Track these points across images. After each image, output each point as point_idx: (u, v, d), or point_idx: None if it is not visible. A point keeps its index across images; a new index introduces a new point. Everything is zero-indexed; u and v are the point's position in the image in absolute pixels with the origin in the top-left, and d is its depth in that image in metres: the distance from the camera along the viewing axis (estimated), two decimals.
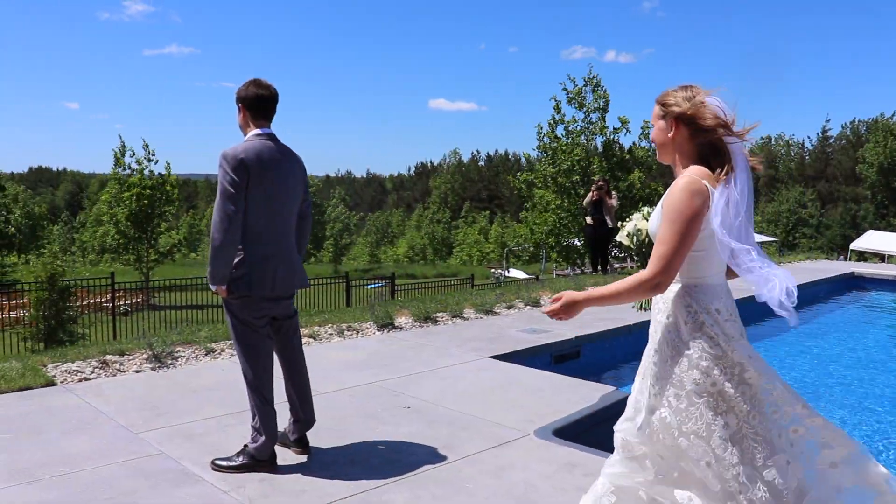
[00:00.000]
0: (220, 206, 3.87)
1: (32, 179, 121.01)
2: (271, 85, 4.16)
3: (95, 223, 44.73)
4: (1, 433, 4.74)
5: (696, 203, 2.57)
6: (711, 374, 2.63)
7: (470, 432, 4.86)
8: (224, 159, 3.89)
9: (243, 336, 4.10)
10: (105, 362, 6.46)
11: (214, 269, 3.95)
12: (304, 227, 4.35)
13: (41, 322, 14.58)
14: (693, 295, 2.71)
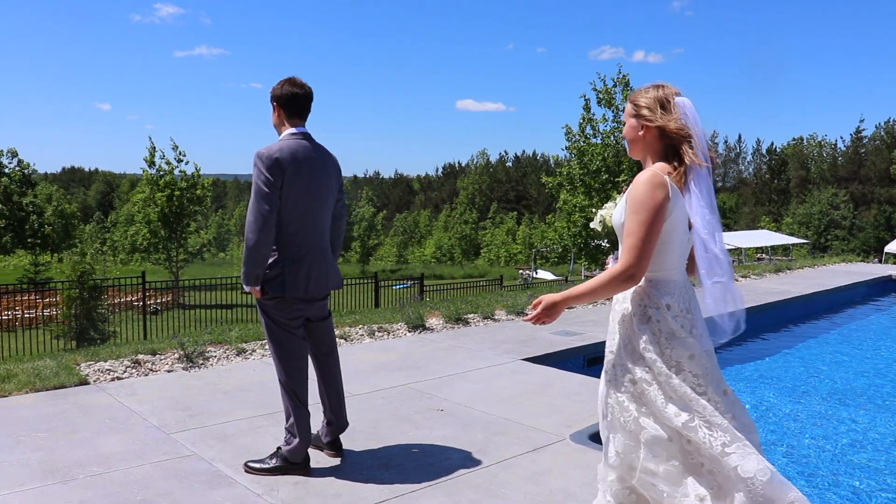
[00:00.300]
0: (255, 206, 3.82)
1: (65, 179, 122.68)
2: (306, 83, 4.10)
3: (126, 223, 45.14)
4: (37, 432, 4.74)
5: (658, 195, 2.66)
6: (655, 366, 2.72)
7: (506, 436, 4.78)
8: (259, 159, 3.84)
9: (277, 337, 4.05)
10: (137, 362, 6.46)
11: (248, 270, 3.90)
12: (338, 228, 4.29)
13: (72, 320, 14.70)
14: (646, 289, 2.81)
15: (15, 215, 43.37)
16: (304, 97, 4.05)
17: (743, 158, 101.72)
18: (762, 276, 14.73)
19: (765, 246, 51.72)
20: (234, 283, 21.74)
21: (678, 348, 2.73)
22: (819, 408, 6.87)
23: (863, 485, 5.01)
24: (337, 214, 4.24)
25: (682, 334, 2.75)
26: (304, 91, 4.05)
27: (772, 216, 75.49)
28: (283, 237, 3.93)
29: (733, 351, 9.25)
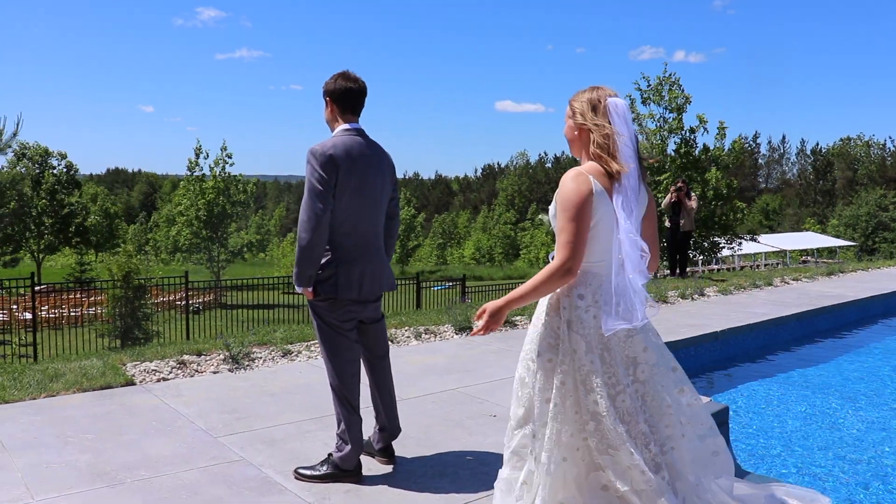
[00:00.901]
0: (308, 205, 3.68)
1: (109, 180, 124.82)
2: (360, 78, 3.95)
3: (167, 223, 45.76)
4: (84, 433, 4.67)
5: (583, 190, 2.85)
6: (558, 351, 2.92)
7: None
8: (312, 156, 3.70)
9: (330, 340, 3.91)
10: (183, 362, 6.40)
11: (301, 270, 3.76)
12: (391, 227, 4.14)
13: (117, 320, 14.80)
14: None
15: (60, 215, 44.13)
16: (358, 92, 3.90)
17: (787, 159, 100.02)
18: (814, 278, 14.32)
19: (810, 248, 50.75)
20: (275, 283, 21.83)
21: (576, 338, 2.89)
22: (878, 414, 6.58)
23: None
24: (391, 213, 4.09)
25: (586, 325, 2.89)
26: (357, 85, 3.90)
27: (816, 218, 74.10)
28: (336, 237, 3.79)
29: (785, 356, 8.96)
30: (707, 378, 7.95)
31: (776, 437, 6.14)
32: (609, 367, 2.91)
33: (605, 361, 2.91)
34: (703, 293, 11.49)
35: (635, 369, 2.99)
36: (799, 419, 6.62)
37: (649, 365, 3.02)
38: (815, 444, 5.98)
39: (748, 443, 5.99)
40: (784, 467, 5.56)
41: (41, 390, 5.57)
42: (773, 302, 10.85)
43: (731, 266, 41.33)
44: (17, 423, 4.88)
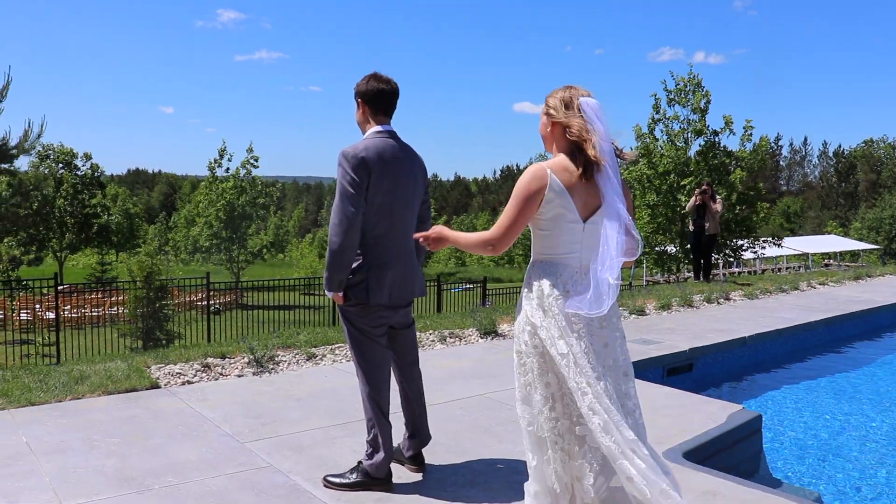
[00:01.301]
0: (340, 208, 3.62)
1: (130, 181, 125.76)
2: (392, 79, 3.88)
3: (186, 223, 46.01)
4: (110, 436, 4.64)
5: (532, 185, 2.98)
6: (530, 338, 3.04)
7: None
8: (344, 158, 3.64)
9: (360, 345, 3.85)
10: (207, 365, 6.36)
11: (331, 275, 3.70)
12: (423, 231, 4.07)
13: (139, 320, 14.83)
14: (535, 268, 3.12)
15: (82, 215, 44.47)
16: (391, 93, 3.83)
17: (809, 161, 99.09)
18: (841, 283, 14.12)
19: (832, 251, 50.21)
20: (294, 283, 21.83)
21: (545, 327, 3.00)
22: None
23: None
24: (422, 217, 4.02)
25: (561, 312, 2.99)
26: (390, 87, 3.83)
27: (839, 221, 73.38)
28: (368, 241, 3.73)
29: (814, 362, 8.81)
30: (735, 384, 7.83)
31: (808, 445, 6.03)
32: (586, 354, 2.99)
33: (581, 347, 2.99)
34: (729, 297, 11.34)
35: (606, 356, 3.09)
36: (830, 427, 6.50)
37: (615, 352, 3.12)
38: (847, 453, 5.86)
39: (779, 452, 5.88)
40: (815, 476, 5.44)
41: (67, 392, 5.55)
42: (800, 307, 10.69)
43: (752, 269, 40.92)
44: (43, 425, 4.86)
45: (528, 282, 3.13)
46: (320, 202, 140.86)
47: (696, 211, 13.95)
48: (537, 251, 3.12)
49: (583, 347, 2.97)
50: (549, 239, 3.06)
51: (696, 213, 13.97)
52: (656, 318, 9.35)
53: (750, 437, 5.27)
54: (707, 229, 13.80)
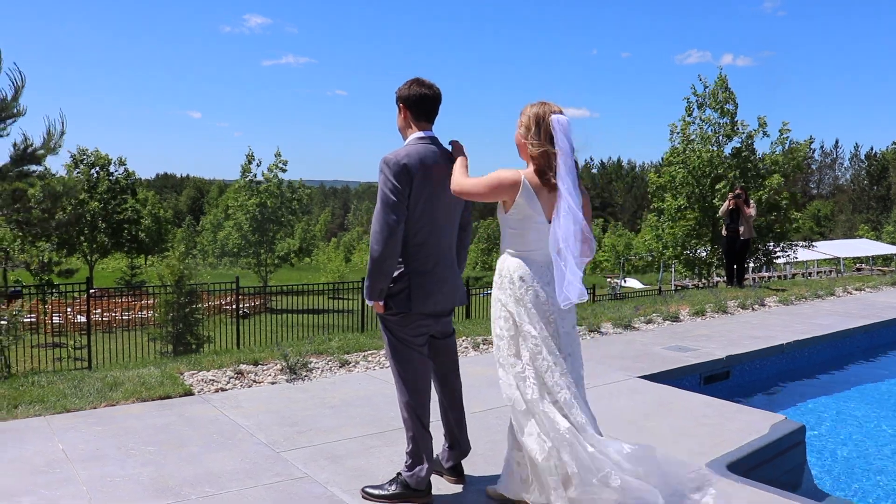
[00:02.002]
0: (381, 216, 3.55)
1: (158, 185, 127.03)
2: (434, 84, 3.80)
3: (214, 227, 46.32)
4: (146, 444, 4.61)
5: (510, 177, 3.41)
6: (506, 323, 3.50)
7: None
8: (385, 165, 3.56)
9: (401, 354, 3.78)
10: (240, 372, 6.33)
11: (372, 283, 3.63)
12: (464, 239, 4.00)
13: (169, 325, 14.90)
14: (506, 262, 3.53)
15: (115, 220, 44.93)
16: (433, 98, 3.76)
17: (840, 164, 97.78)
18: (878, 288, 13.85)
19: (864, 256, 49.44)
20: (322, 287, 21.87)
21: (518, 313, 3.44)
22: None
23: None
24: (463, 224, 3.95)
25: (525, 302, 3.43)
26: (432, 92, 3.76)
27: (871, 224, 72.31)
28: (409, 249, 3.66)
29: (854, 370, 8.62)
30: (774, 393, 7.67)
31: (850, 457, 5.86)
32: (552, 337, 3.45)
33: (549, 332, 3.44)
34: (764, 303, 11.15)
35: (573, 338, 3.56)
36: (874, 438, 6.32)
37: (574, 339, 3.58)
38: (892, 466, 5.68)
39: (821, 463, 5.72)
40: (859, 490, 5.29)
41: (101, 399, 5.55)
42: (837, 313, 10.48)
43: (782, 274, 40.40)
44: (79, 432, 4.85)
45: (501, 274, 3.54)
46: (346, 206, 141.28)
47: (729, 216, 13.76)
48: (508, 247, 3.55)
49: (550, 332, 3.44)
50: (518, 237, 3.49)
51: (729, 217, 13.78)
52: (691, 325, 9.21)
53: (793, 448, 5.14)
54: (741, 234, 13.60)
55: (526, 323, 3.43)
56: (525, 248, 3.49)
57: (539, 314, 3.44)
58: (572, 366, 3.51)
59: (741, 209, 13.49)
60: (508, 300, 3.48)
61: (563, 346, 3.49)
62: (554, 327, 3.47)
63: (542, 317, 3.44)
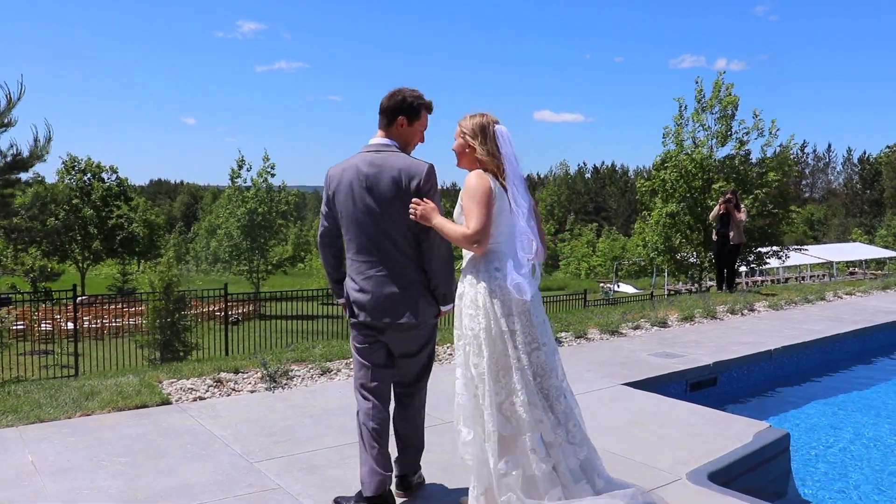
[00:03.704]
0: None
1: (152, 191, 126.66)
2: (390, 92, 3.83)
3: (207, 234, 46.16)
4: (118, 455, 4.52)
5: (485, 183, 3.46)
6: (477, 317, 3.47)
7: (615, 473, 4.29)
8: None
9: (355, 360, 3.89)
10: (220, 381, 6.24)
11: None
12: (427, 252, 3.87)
13: (157, 332, 14.80)
14: (481, 256, 3.55)
15: (107, 226, 44.73)
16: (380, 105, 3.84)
17: (832, 168, 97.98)
18: (868, 293, 13.80)
19: (857, 260, 49.52)
20: (313, 294, 21.77)
21: (499, 304, 3.46)
22: None
23: None
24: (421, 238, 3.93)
25: (504, 292, 3.46)
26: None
27: (864, 228, 72.45)
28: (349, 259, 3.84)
29: (843, 376, 8.56)
30: (761, 400, 7.60)
31: (837, 464, 5.79)
32: (526, 328, 3.49)
33: (524, 322, 3.48)
34: (753, 308, 11.09)
35: (546, 332, 3.59)
36: (862, 445, 6.25)
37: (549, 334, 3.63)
38: (879, 472, 5.62)
39: (807, 470, 5.64)
40: (844, 498, 5.22)
41: (77, 409, 5.45)
42: (827, 318, 10.43)
43: (775, 278, 40.42)
44: (51, 443, 4.75)
45: (473, 269, 3.55)
46: None
47: (719, 220, 13.70)
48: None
49: (523, 323, 3.48)
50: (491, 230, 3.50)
51: (719, 222, 13.72)
52: (679, 331, 9.14)
53: (778, 456, 5.07)
54: (731, 238, 13.55)
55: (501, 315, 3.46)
56: (496, 242, 3.54)
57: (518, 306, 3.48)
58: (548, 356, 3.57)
59: (731, 214, 13.44)
60: (479, 294, 3.49)
61: (538, 335, 3.54)
62: (528, 317, 3.51)
63: (521, 310, 3.49)
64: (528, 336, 3.50)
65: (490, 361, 3.44)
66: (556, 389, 3.55)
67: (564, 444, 3.50)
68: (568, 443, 3.52)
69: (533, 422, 3.42)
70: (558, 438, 3.48)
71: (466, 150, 3.60)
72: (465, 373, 3.54)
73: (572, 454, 3.52)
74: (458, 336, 3.61)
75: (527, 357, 3.47)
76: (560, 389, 3.57)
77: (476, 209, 3.41)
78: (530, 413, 3.42)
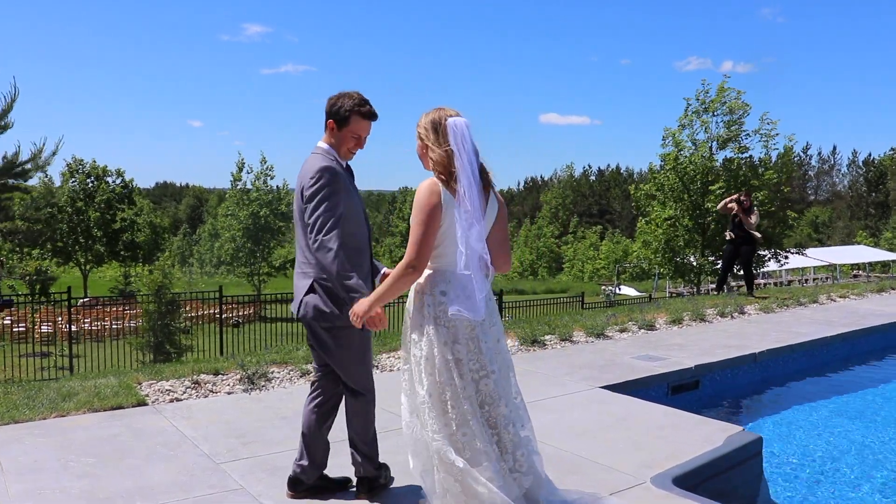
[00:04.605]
0: None
1: (158, 194, 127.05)
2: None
3: (211, 236, 46.20)
4: (86, 456, 4.55)
5: (432, 199, 3.21)
6: (423, 343, 3.27)
7: (578, 476, 4.33)
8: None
9: None
10: (198, 382, 6.27)
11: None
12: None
13: (149, 334, 14.86)
14: (426, 279, 3.33)
15: (111, 229, 44.83)
16: None
17: (837, 170, 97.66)
18: (863, 295, 13.75)
19: (862, 262, 49.37)
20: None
21: (444, 331, 3.25)
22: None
23: None
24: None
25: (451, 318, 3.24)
26: None
27: (869, 231, 72.20)
28: None
29: (828, 380, 8.53)
30: (742, 404, 7.59)
31: (814, 470, 5.76)
32: (474, 355, 3.29)
33: (471, 350, 3.28)
34: (744, 311, 11.07)
35: (496, 357, 3.36)
36: (841, 451, 6.22)
37: (502, 354, 3.42)
38: (857, 478, 5.59)
39: (782, 476, 5.62)
40: (824, 501, 5.20)
41: (52, 410, 5.49)
42: (817, 321, 10.40)
43: (777, 280, 40.33)
44: (21, 444, 4.78)
45: (418, 289, 3.34)
46: None
47: (731, 221, 13.58)
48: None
49: (470, 349, 3.28)
50: (437, 249, 3.29)
51: (732, 223, 13.58)
52: (665, 334, 9.13)
53: (749, 460, 5.06)
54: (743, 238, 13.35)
55: (448, 342, 3.26)
56: (443, 261, 3.32)
57: (465, 332, 3.28)
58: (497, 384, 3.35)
59: (742, 217, 13.26)
60: (424, 319, 3.29)
61: (486, 362, 3.32)
62: (476, 344, 3.30)
63: (468, 336, 3.28)
64: (475, 363, 3.30)
65: (433, 390, 3.26)
66: (503, 418, 3.35)
67: (507, 476, 3.30)
68: (511, 471, 3.34)
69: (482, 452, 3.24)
70: (502, 469, 3.30)
71: (425, 152, 3.37)
72: (409, 400, 3.41)
73: (514, 484, 3.32)
74: (404, 359, 3.44)
75: (474, 386, 3.28)
76: (507, 418, 3.36)
77: (415, 231, 3.21)
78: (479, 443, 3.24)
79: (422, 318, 3.30)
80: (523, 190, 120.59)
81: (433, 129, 3.31)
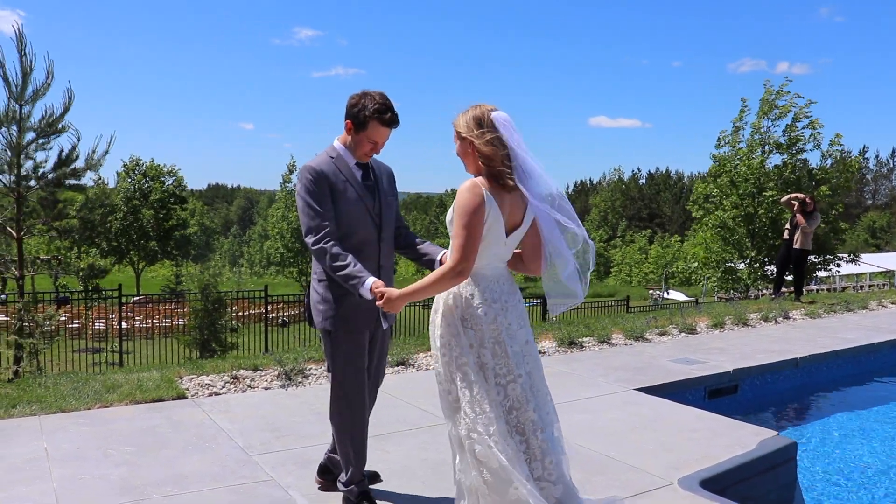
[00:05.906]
0: None
1: (210, 195, 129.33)
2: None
3: (260, 237, 46.84)
4: (126, 446, 4.69)
5: (475, 201, 3.08)
6: (451, 344, 3.21)
7: (606, 477, 4.34)
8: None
9: None
10: (237, 377, 6.41)
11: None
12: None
13: (196, 332, 15.18)
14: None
15: (164, 228, 45.81)
16: None
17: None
18: None
19: None
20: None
21: (472, 334, 3.18)
22: None
23: None
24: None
25: (479, 321, 3.18)
26: None
27: None
28: None
29: (874, 388, 8.35)
30: (781, 409, 7.47)
31: (855, 479, 5.65)
32: (501, 360, 3.20)
33: (497, 354, 3.19)
34: (789, 316, 10.89)
35: (524, 360, 3.27)
36: (886, 460, 6.08)
37: (532, 357, 3.32)
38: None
39: (821, 483, 5.54)
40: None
41: (96, 401, 5.67)
42: (865, 327, 10.19)
43: (831, 287, 39.40)
44: (66, 432, 4.96)
45: (450, 292, 3.24)
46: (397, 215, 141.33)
47: (789, 221, 13.49)
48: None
49: (496, 353, 3.19)
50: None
51: (790, 222, 13.49)
52: (706, 337, 9.04)
53: (782, 465, 4.99)
54: (794, 242, 13.20)
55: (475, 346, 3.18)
56: (480, 264, 3.19)
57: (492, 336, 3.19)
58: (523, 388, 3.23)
59: (798, 218, 13.10)
60: (455, 321, 3.21)
61: (513, 366, 3.21)
62: (502, 348, 3.19)
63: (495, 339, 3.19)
64: (502, 367, 3.20)
65: (461, 393, 3.19)
66: (532, 424, 3.22)
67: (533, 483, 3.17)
68: (539, 480, 3.22)
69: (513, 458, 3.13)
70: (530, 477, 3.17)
71: (469, 150, 3.21)
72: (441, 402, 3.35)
73: (542, 495, 3.19)
74: (435, 358, 3.34)
75: (502, 391, 3.19)
76: (536, 424, 3.23)
77: (461, 233, 3.07)
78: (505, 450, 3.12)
79: (448, 319, 3.23)
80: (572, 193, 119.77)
81: (476, 125, 3.17)
